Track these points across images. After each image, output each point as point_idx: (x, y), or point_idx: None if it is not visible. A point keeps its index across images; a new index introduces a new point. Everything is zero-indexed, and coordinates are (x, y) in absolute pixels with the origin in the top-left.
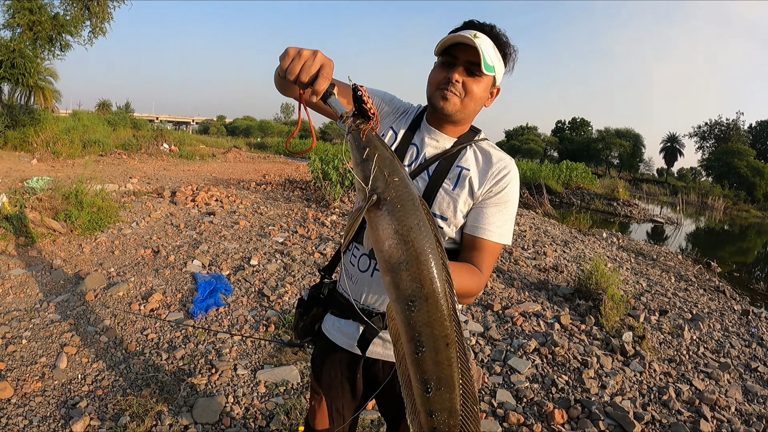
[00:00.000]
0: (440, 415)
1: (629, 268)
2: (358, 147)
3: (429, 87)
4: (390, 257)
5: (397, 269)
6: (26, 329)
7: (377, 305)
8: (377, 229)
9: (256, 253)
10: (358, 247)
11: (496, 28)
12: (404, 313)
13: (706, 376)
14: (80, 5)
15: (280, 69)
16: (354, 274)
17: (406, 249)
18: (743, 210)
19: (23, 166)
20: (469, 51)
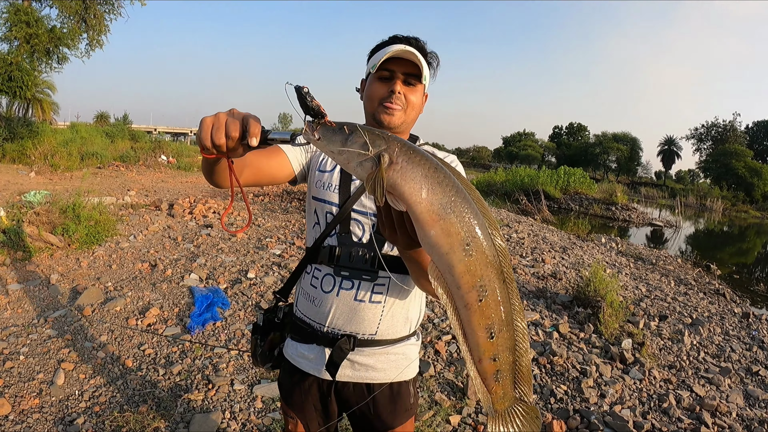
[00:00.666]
0: (503, 356)
1: (628, 273)
2: (334, 133)
3: (370, 103)
4: (432, 204)
5: (443, 214)
6: (24, 345)
7: (344, 326)
8: (405, 184)
9: (253, 265)
10: (319, 269)
11: (420, 40)
12: (463, 260)
13: (707, 382)
14: (77, 18)
15: (202, 142)
16: (317, 296)
17: (444, 190)
18: (742, 211)
19: (21, 179)
20: (406, 64)
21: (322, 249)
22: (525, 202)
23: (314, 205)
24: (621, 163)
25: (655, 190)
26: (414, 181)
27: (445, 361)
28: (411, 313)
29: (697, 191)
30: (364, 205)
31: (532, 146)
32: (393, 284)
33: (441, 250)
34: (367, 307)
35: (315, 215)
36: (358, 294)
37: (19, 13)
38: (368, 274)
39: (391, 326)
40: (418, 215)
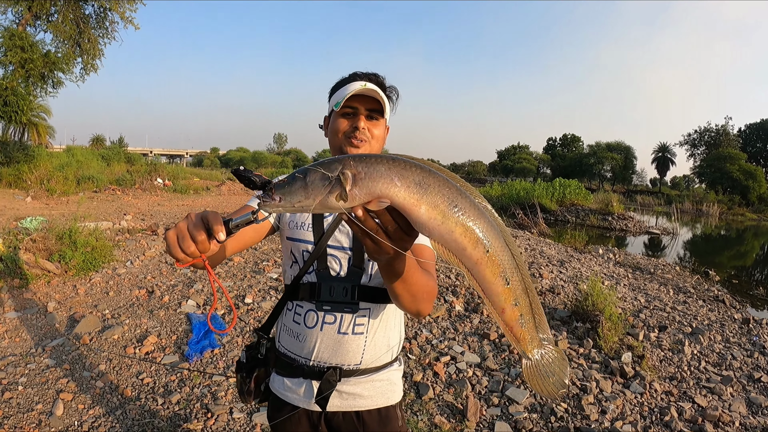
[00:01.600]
0: (521, 299)
1: (627, 284)
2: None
3: (335, 137)
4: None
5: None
6: (22, 375)
7: (329, 359)
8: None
9: (250, 290)
10: (301, 305)
11: (379, 75)
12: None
13: (709, 392)
14: (71, 43)
15: (174, 255)
16: (300, 332)
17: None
18: (738, 214)
19: (18, 204)
20: (368, 100)
21: (302, 286)
22: (521, 216)
23: (289, 245)
24: (616, 172)
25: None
26: (383, 176)
27: (444, 382)
28: (392, 341)
29: (693, 197)
30: (339, 240)
31: (527, 159)
32: (374, 314)
33: (435, 222)
34: (351, 339)
35: (291, 255)
36: (341, 327)
37: (14, 38)
38: (349, 306)
39: (375, 354)
40: (401, 202)
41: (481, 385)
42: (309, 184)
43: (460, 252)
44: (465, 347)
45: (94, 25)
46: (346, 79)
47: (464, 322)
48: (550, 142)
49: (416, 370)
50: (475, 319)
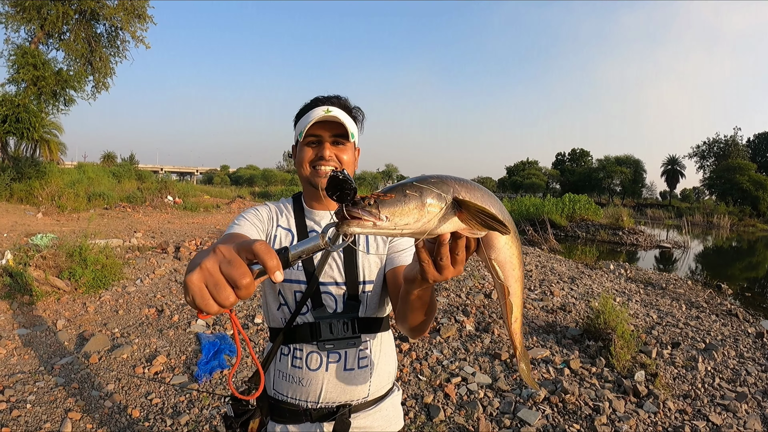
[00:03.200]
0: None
1: (638, 300)
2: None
3: (302, 168)
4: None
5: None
6: (31, 393)
7: (338, 398)
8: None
9: (260, 310)
10: (300, 347)
11: (342, 97)
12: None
13: (723, 409)
14: (83, 61)
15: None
16: (303, 376)
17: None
18: (749, 225)
19: (28, 219)
20: (331, 125)
21: (298, 328)
22: (531, 232)
23: (276, 287)
24: (625, 186)
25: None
26: (482, 203)
27: (455, 404)
28: (390, 366)
29: (703, 209)
30: (331, 276)
31: (536, 174)
32: (374, 344)
33: (507, 246)
34: (357, 373)
35: (279, 296)
36: (347, 363)
37: (27, 56)
38: (352, 340)
39: (379, 383)
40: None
41: (493, 406)
42: (426, 205)
43: (511, 272)
44: (476, 368)
45: (105, 44)
46: (308, 105)
47: (475, 342)
48: (558, 157)
49: (427, 391)
50: (486, 339)
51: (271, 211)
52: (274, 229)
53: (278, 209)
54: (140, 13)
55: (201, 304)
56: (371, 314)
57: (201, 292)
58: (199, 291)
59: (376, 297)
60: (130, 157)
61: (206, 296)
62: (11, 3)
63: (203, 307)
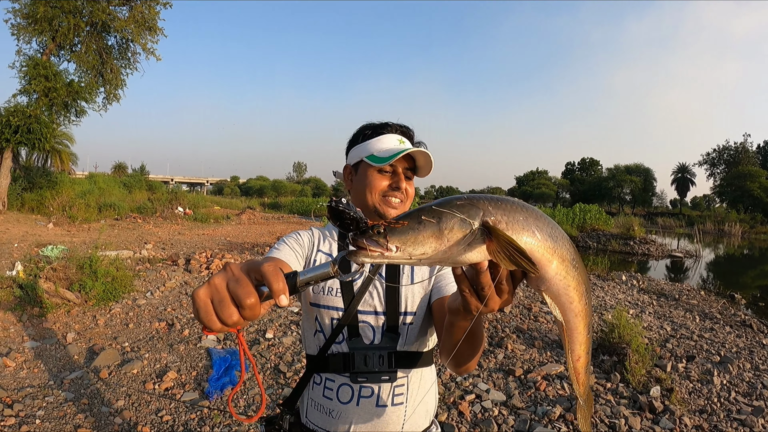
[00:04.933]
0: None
1: (652, 312)
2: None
3: (370, 194)
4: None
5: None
6: (40, 408)
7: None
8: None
9: (271, 325)
10: (332, 378)
11: (411, 130)
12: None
13: (740, 424)
14: (94, 73)
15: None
16: (334, 408)
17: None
18: (761, 232)
19: (39, 230)
20: (406, 158)
21: (331, 357)
22: None
23: (314, 311)
24: (635, 195)
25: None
26: (524, 228)
27: (469, 422)
28: (430, 405)
29: (714, 217)
30: (371, 304)
31: (546, 184)
32: (412, 380)
33: (559, 277)
34: (390, 411)
35: (316, 322)
36: (379, 399)
37: (38, 67)
38: (387, 374)
39: (415, 422)
40: (539, 257)
41: (508, 424)
42: (445, 232)
43: (568, 305)
44: (490, 384)
45: (116, 55)
46: (377, 128)
47: (489, 358)
48: (568, 166)
49: (441, 409)
50: (500, 355)
51: (313, 236)
52: (314, 253)
53: (321, 234)
54: (151, 26)
55: (205, 320)
56: (411, 348)
57: (206, 308)
58: (204, 306)
59: (417, 329)
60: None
61: (210, 312)
62: (23, 15)
63: (207, 323)
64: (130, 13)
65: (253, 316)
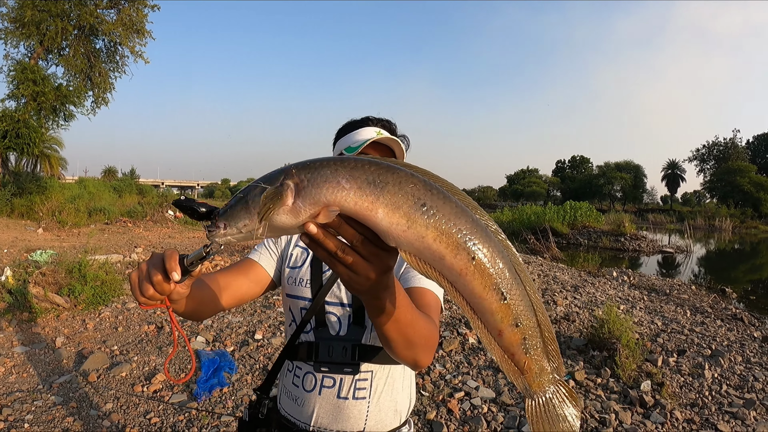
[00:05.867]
0: (524, 318)
1: (642, 308)
2: (233, 209)
3: None
4: (360, 188)
5: (377, 190)
6: (28, 412)
7: (329, 425)
8: (321, 189)
9: (260, 326)
10: (300, 366)
11: (393, 123)
12: (429, 223)
13: (732, 417)
14: (82, 76)
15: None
16: (299, 396)
17: (364, 169)
18: (752, 227)
19: (29, 235)
20: (381, 148)
21: (300, 345)
22: (533, 241)
23: (288, 302)
24: (626, 192)
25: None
26: (328, 180)
27: (458, 420)
28: (400, 405)
29: (705, 212)
30: (337, 296)
31: (537, 182)
32: (377, 376)
33: (400, 228)
34: (351, 404)
35: (290, 312)
36: (340, 391)
37: (26, 71)
38: (349, 366)
39: (380, 420)
40: (353, 208)
41: (497, 421)
42: (251, 204)
43: (439, 262)
44: (479, 381)
45: (104, 59)
46: (357, 122)
47: (478, 356)
48: (559, 164)
49: (429, 407)
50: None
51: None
52: (290, 248)
53: None
54: (139, 29)
55: (134, 294)
56: (377, 342)
57: (134, 285)
58: (133, 284)
59: None
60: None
61: (135, 288)
62: (10, 19)
63: (135, 297)
64: (118, 16)
65: (162, 290)
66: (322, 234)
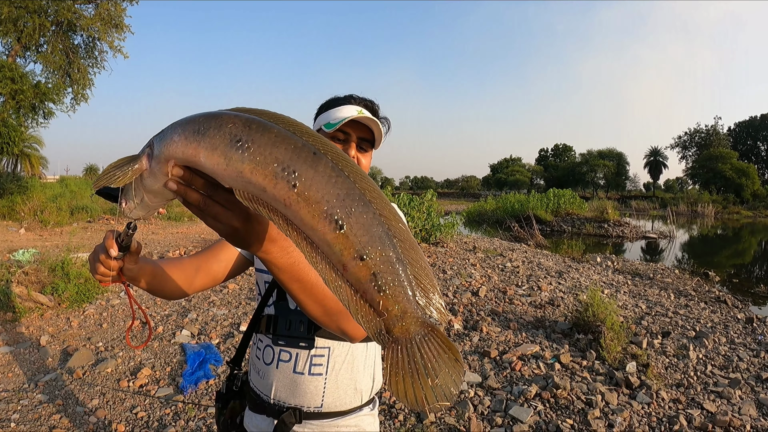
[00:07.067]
0: (373, 250)
1: (626, 292)
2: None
3: None
4: (185, 133)
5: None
6: (14, 411)
7: (287, 399)
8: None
9: (245, 318)
10: (262, 339)
11: (376, 103)
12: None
13: (717, 396)
14: (61, 73)
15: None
16: (261, 368)
17: (190, 120)
18: (734, 212)
19: (11, 236)
20: (362, 128)
21: (262, 318)
22: (517, 229)
23: (257, 276)
24: (609, 179)
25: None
26: (166, 139)
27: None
28: (360, 384)
29: (687, 198)
30: None
31: (520, 171)
32: (335, 353)
33: (221, 167)
34: (307, 380)
35: (257, 286)
36: (296, 366)
37: (4, 70)
38: (305, 341)
39: (338, 398)
40: (183, 157)
41: (484, 405)
42: (127, 174)
43: (263, 195)
44: (466, 367)
45: (83, 54)
46: (340, 100)
47: (464, 341)
48: (542, 153)
49: None
50: (475, 337)
51: None
52: None
53: None
54: (117, 23)
55: (91, 272)
56: None
57: (89, 264)
58: (89, 263)
59: None
60: None
61: (90, 267)
62: None
63: (92, 275)
64: (96, 10)
65: (108, 266)
66: (183, 188)
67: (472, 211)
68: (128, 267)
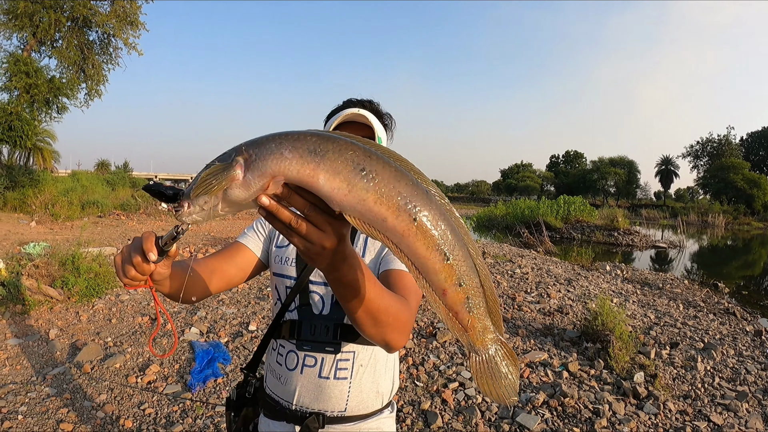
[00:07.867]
0: (467, 278)
1: (635, 301)
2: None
3: None
4: (301, 157)
5: (318, 158)
6: (22, 404)
7: (311, 404)
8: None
9: (254, 317)
10: (283, 345)
11: (374, 102)
12: (369, 187)
13: (724, 409)
14: (75, 68)
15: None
16: (282, 374)
17: (305, 139)
18: (744, 223)
19: (22, 228)
20: (360, 128)
21: (284, 324)
22: (527, 235)
23: (275, 281)
24: (620, 187)
25: (656, 210)
26: (272, 153)
27: (452, 410)
28: (382, 387)
29: (698, 208)
30: (322, 276)
31: (531, 177)
32: (360, 357)
33: (341, 193)
34: (332, 384)
35: (276, 291)
36: (322, 370)
37: (19, 64)
38: (331, 345)
39: (361, 401)
40: (296, 176)
41: (491, 411)
42: (209, 180)
43: (382, 224)
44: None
45: (98, 51)
46: (339, 107)
47: None
48: (553, 159)
49: (424, 397)
50: None
51: None
52: None
53: None
54: (132, 20)
55: (118, 275)
56: None
57: (117, 267)
58: (116, 266)
59: None
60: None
61: (119, 270)
62: (3, 11)
63: (119, 278)
64: (111, 7)
65: (143, 271)
66: (275, 205)
67: (482, 215)
68: (160, 272)
